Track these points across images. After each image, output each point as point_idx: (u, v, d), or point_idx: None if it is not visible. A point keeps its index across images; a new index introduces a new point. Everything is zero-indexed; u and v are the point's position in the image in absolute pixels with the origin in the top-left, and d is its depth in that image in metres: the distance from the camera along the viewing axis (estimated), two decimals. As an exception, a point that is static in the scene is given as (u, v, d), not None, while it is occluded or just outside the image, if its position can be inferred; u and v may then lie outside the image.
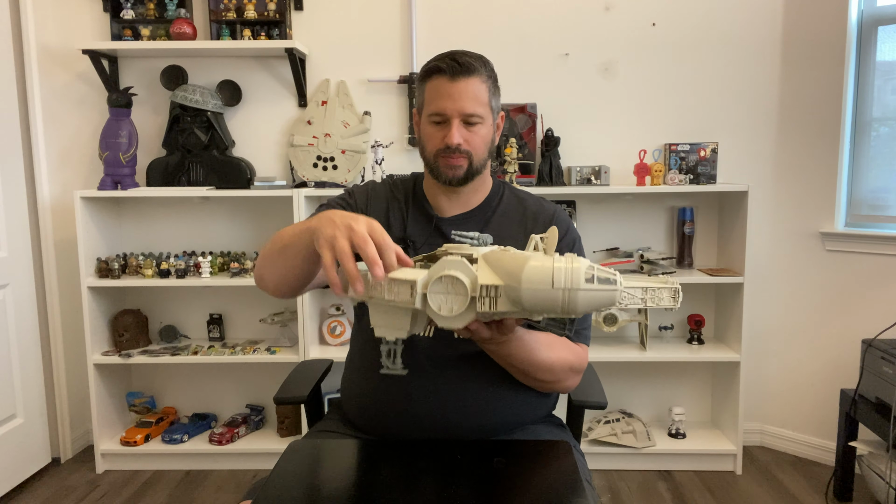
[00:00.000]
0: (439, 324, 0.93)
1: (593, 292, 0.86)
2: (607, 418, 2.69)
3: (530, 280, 0.86)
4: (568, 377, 1.27)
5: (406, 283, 0.93)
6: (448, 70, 1.26)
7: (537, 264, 0.87)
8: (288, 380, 1.59)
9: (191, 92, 2.60)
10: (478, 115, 1.27)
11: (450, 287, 0.91)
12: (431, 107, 1.28)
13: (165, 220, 2.80)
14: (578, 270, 0.85)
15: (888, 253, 2.43)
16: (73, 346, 2.75)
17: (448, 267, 0.92)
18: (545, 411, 1.39)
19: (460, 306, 0.91)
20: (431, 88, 1.28)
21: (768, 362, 2.77)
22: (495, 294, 0.91)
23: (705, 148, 2.56)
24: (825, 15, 2.53)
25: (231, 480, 2.56)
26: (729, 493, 2.42)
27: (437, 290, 0.92)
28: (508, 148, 2.52)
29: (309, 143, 2.67)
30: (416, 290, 0.92)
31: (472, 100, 1.26)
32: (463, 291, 0.91)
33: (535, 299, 0.87)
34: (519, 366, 1.20)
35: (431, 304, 0.92)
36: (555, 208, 1.40)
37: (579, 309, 0.87)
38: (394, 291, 0.94)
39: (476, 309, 0.91)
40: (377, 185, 1.43)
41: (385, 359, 1.00)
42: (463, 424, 1.25)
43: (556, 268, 0.86)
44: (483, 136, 1.30)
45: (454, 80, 1.25)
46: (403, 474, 1.07)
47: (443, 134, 1.27)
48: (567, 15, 2.67)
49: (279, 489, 1.01)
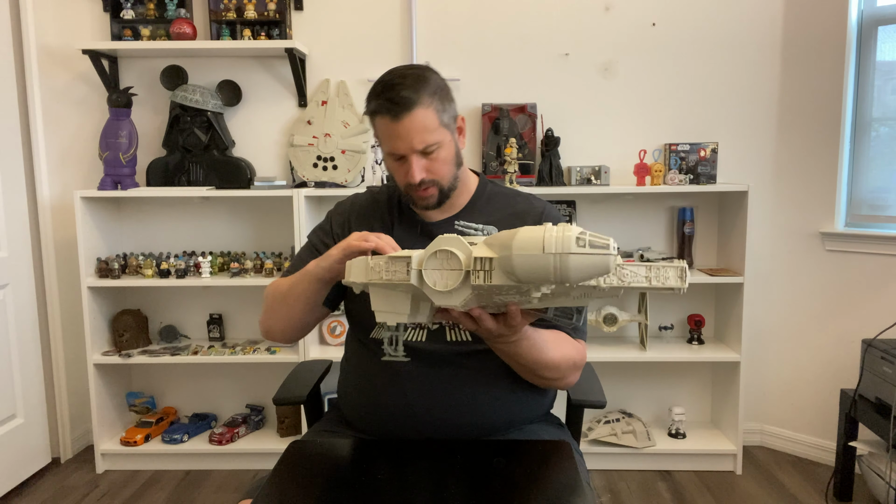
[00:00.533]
0: (436, 301, 0.93)
1: (585, 256, 0.84)
2: (607, 418, 2.69)
3: (521, 247, 0.86)
4: (571, 374, 1.27)
5: (402, 261, 0.94)
6: (387, 112, 1.22)
7: (528, 232, 0.87)
8: (287, 380, 1.59)
9: (191, 92, 2.60)
10: (432, 145, 1.23)
11: (444, 262, 0.92)
12: (385, 147, 1.27)
13: (165, 220, 2.80)
14: (569, 236, 0.84)
15: (888, 253, 2.43)
16: (73, 346, 2.75)
17: (443, 243, 0.93)
18: (542, 410, 1.39)
19: (454, 280, 0.91)
20: (379, 128, 1.26)
21: (768, 362, 2.77)
22: (489, 267, 0.90)
23: (705, 148, 2.56)
24: (825, 15, 2.53)
25: (231, 480, 2.56)
26: (729, 493, 2.42)
27: (432, 265, 0.92)
28: (508, 148, 2.52)
29: (309, 143, 2.67)
30: (412, 266, 0.93)
31: (421, 133, 1.22)
32: (457, 266, 0.91)
33: (527, 266, 0.86)
34: (527, 365, 1.20)
35: (427, 280, 0.92)
36: (544, 205, 1.38)
37: (572, 275, 0.85)
38: (391, 270, 0.95)
39: (471, 282, 0.91)
40: (358, 198, 1.43)
41: (387, 346, 1.01)
42: (459, 423, 1.26)
43: (548, 234, 0.85)
44: (444, 158, 1.26)
45: (397, 121, 1.21)
46: (403, 474, 1.07)
47: (405, 170, 1.25)
48: (567, 15, 2.67)
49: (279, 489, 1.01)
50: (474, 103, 2.70)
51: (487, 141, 2.64)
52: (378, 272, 0.96)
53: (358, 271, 1.01)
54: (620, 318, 2.59)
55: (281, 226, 2.76)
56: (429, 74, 1.26)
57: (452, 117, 1.29)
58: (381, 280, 0.96)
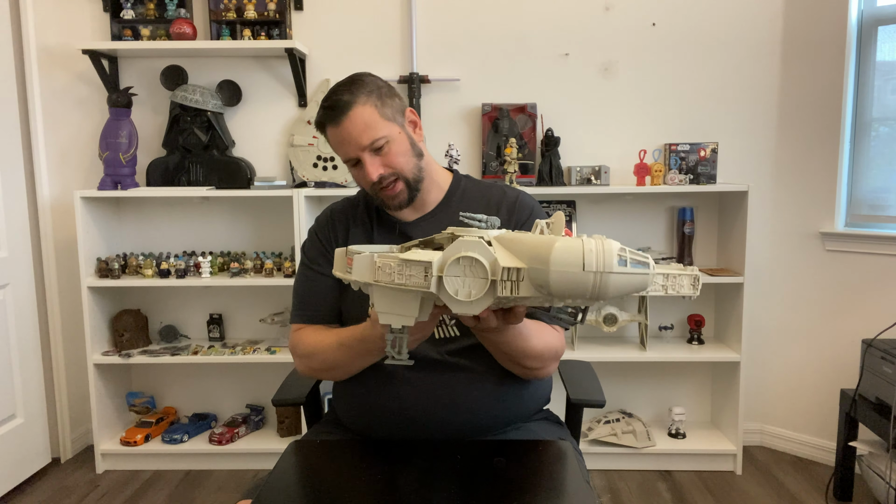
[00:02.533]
0: (454, 309, 0.86)
1: (626, 276, 0.79)
2: (607, 418, 2.69)
3: (560, 262, 0.79)
4: (551, 363, 1.28)
5: (420, 265, 0.86)
6: (328, 119, 1.27)
7: (566, 244, 0.79)
8: (287, 380, 1.59)
9: (191, 92, 2.60)
10: (378, 139, 1.26)
11: (468, 270, 0.84)
12: (341, 155, 1.30)
13: (165, 220, 2.80)
14: (611, 252, 0.78)
15: (888, 253, 2.43)
16: (73, 346, 2.75)
17: (465, 248, 0.84)
18: (536, 405, 1.40)
19: (479, 290, 0.85)
20: (330, 139, 1.30)
21: (768, 362, 2.77)
22: (517, 277, 0.84)
23: (705, 148, 2.56)
24: (825, 15, 2.53)
25: (231, 480, 2.56)
26: (729, 493, 2.42)
27: (454, 272, 0.85)
28: (508, 148, 2.52)
29: (309, 143, 2.67)
30: (432, 273, 0.85)
31: (364, 130, 1.25)
32: (482, 274, 0.84)
33: (564, 283, 0.79)
34: (511, 353, 1.20)
35: (448, 288, 0.85)
36: (517, 193, 1.39)
37: (609, 294, 0.80)
38: (405, 274, 0.87)
39: (496, 293, 0.85)
40: (336, 206, 1.44)
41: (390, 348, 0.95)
42: (454, 421, 1.26)
43: (587, 249, 0.78)
44: (398, 151, 1.28)
45: (338, 125, 1.26)
46: (403, 474, 1.07)
47: (363, 173, 1.28)
48: (567, 15, 2.67)
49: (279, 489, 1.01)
50: (474, 103, 2.70)
51: (487, 141, 2.65)
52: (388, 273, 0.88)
53: (362, 269, 0.92)
54: (620, 318, 2.59)
55: (281, 226, 2.76)
56: (364, 77, 1.30)
57: (398, 111, 1.31)
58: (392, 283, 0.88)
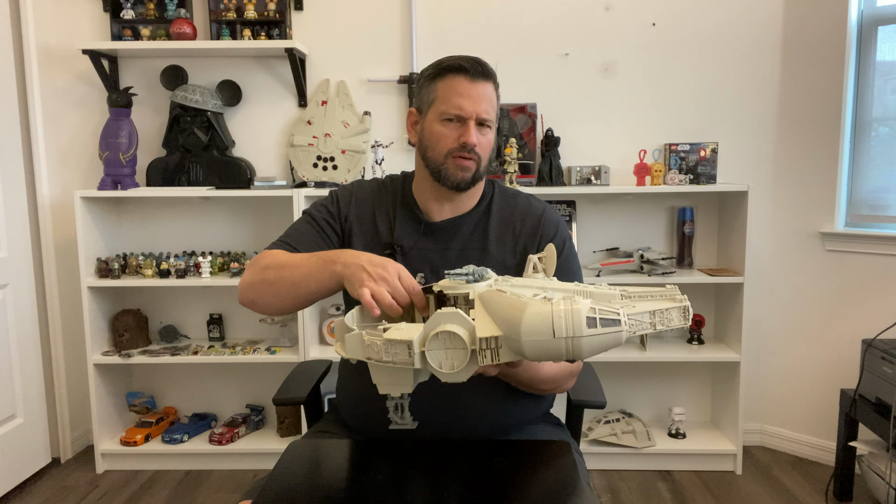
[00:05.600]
0: (443, 379, 0.90)
1: (598, 337, 0.81)
2: (607, 418, 2.69)
3: (529, 332, 0.82)
4: (567, 381, 1.30)
5: (402, 344, 0.89)
6: (471, 70, 1.25)
7: (535, 311, 0.82)
8: (287, 380, 1.59)
9: (191, 92, 2.60)
10: (490, 120, 1.27)
11: (448, 342, 0.88)
12: (447, 105, 1.25)
13: (165, 220, 2.80)
14: (579, 316, 0.81)
15: (888, 253, 2.43)
16: (73, 346, 2.75)
17: (443, 321, 0.88)
18: (540, 412, 1.39)
19: (461, 361, 0.88)
20: (447, 87, 1.26)
21: (768, 362, 2.77)
22: (496, 345, 0.87)
23: (705, 148, 2.56)
24: (825, 15, 2.53)
25: (231, 480, 2.56)
26: (729, 493, 2.42)
27: (436, 346, 0.88)
28: (508, 148, 2.52)
29: (309, 143, 2.67)
30: (414, 350, 0.88)
31: (489, 103, 1.26)
32: (462, 345, 0.87)
33: (537, 350, 0.83)
34: (522, 382, 1.23)
35: (431, 363, 0.88)
36: (544, 206, 1.38)
37: (584, 354, 0.83)
38: (391, 352, 0.90)
39: (478, 362, 0.88)
40: (364, 185, 1.41)
41: (392, 413, 0.97)
42: (457, 426, 1.25)
43: (556, 314, 0.81)
44: (490, 142, 1.30)
45: (474, 82, 1.25)
46: (403, 475, 1.07)
47: (458, 133, 1.25)
48: (567, 15, 2.67)
49: (279, 489, 1.01)
50: (474, 103, 2.70)
51: (487, 141, 2.64)
52: (377, 351, 0.91)
53: (354, 347, 0.94)
54: (620, 318, 2.59)
55: (281, 226, 2.74)
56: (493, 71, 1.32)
57: (497, 117, 1.34)
58: (381, 360, 0.91)
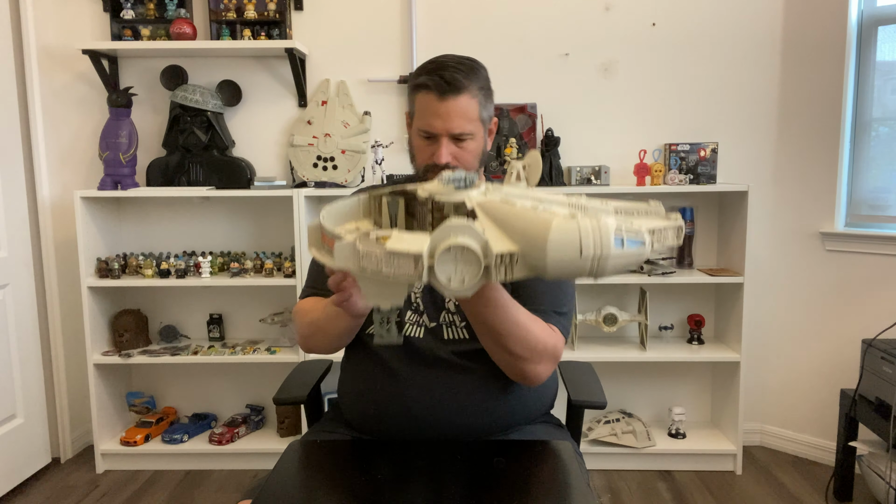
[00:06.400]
0: (447, 295, 0.83)
1: (623, 257, 0.77)
2: (607, 418, 2.69)
3: (556, 250, 0.76)
4: (542, 359, 1.20)
5: (409, 257, 0.81)
6: (435, 88, 1.23)
7: (562, 228, 0.76)
8: (287, 380, 1.59)
9: (191, 92, 2.60)
10: (467, 133, 1.25)
11: (459, 256, 0.80)
12: (420, 122, 1.27)
13: (165, 220, 2.80)
14: (608, 233, 0.76)
15: (888, 253, 2.43)
16: (73, 346, 2.75)
17: (454, 233, 0.81)
18: (541, 410, 1.39)
19: (473, 276, 0.81)
20: (421, 104, 1.27)
21: (768, 362, 2.77)
22: (510, 261, 0.81)
23: (705, 148, 2.56)
24: (825, 15, 2.53)
25: (231, 480, 2.56)
26: (729, 493, 2.42)
27: (445, 260, 0.80)
28: (508, 148, 2.52)
29: (309, 143, 2.67)
30: (423, 264, 0.81)
31: (461, 118, 1.24)
32: (475, 260, 0.80)
33: (561, 268, 0.77)
34: (495, 329, 1.13)
35: (440, 277, 0.81)
36: None
37: (607, 274, 0.78)
38: (393, 265, 0.82)
39: (490, 278, 0.81)
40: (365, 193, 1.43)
41: (378, 327, 0.92)
42: (458, 423, 1.26)
43: (583, 232, 0.75)
44: (472, 151, 1.28)
45: (442, 99, 1.23)
46: (403, 474, 1.07)
47: (432, 150, 1.26)
48: (567, 15, 2.67)
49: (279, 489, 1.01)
50: (474, 103, 2.69)
51: (487, 141, 2.65)
52: (375, 263, 0.83)
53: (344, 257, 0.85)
54: (620, 318, 2.59)
55: (281, 226, 2.76)
56: (481, 69, 1.30)
57: (489, 116, 1.32)
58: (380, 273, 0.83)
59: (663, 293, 2.77)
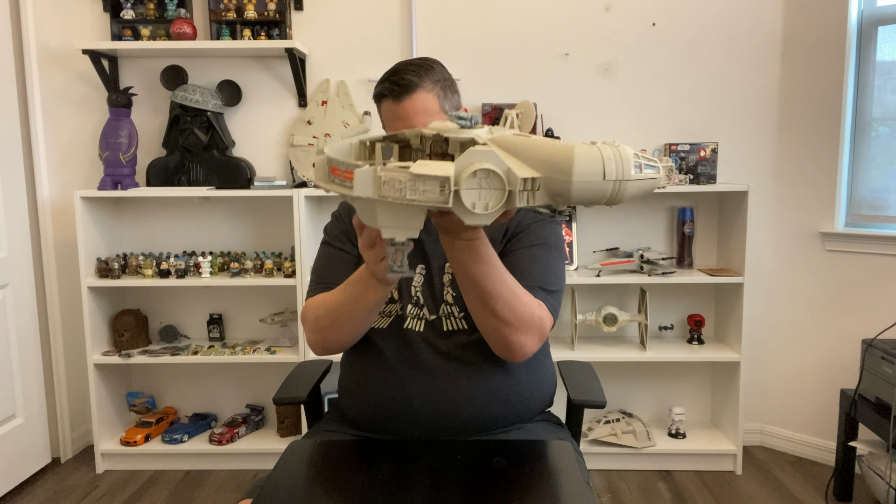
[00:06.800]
0: (467, 221, 0.84)
1: (641, 181, 0.81)
2: (607, 418, 2.69)
3: (583, 172, 0.78)
4: (528, 329, 1.18)
5: (435, 180, 0.81)
6: (390, 94, 1.27)
7: (587, 154, 0.79)
8: (287, 380, 1.59)
9: (191, 92, 2.60)
10: None
11: (483, 182, 0.82)
12: (388, 129, 1.31)
13: (165, 220, 2.80)
14: (628, 158, 0.80)
15: (888, 253, 2.43)
16: (73, 346, 2.75)
17: (479, 158, 0.82)
18: (540, 406, 1.40)
19: (497, 202, 0.82)
20: (384, 112, 1.31)
21: (768, 362, 2.77)
22: (533, 187, 0.83)
23: (705, 148, 2.56)
24: (825, 15, 2.53)
25: (231, 480, 2.56)
26: (729, 493, 2.42)
27: (471, 185, 0.82)
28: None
29: (309, 143, 2.67)
30: (450, 187, 0.81)
31: (421, 115, 1.26)
32: (499, 186, 0.82)
33: (585, 192, 0.80)
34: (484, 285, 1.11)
35: (465, 201, 0.82)
36: None
37: (624, 198, 0.82)
38: (419, 189, 0.82)
39: (513, 203, 0.83)
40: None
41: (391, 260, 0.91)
42: (458, 417, 1.27)
43: (605, 157, 0.79)
44: None
45: (399, 102, 1.27)
46: (403, 474, 1.07)
47: None
48: (567, 15, 2.67)
49: (279, 489, 1.01)
50: (474, 103, 2.70)
51: (487, 141, 2.64)
52: (398, 189, 0.82)
53: (364, 184, 0.84)
54: (620, 318, 2.59)
55: (281, 226, 2.76)
56: (434, 65, 1.31)
57: (455, 106, 1.33)
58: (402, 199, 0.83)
59: (663, 293, 2.77)
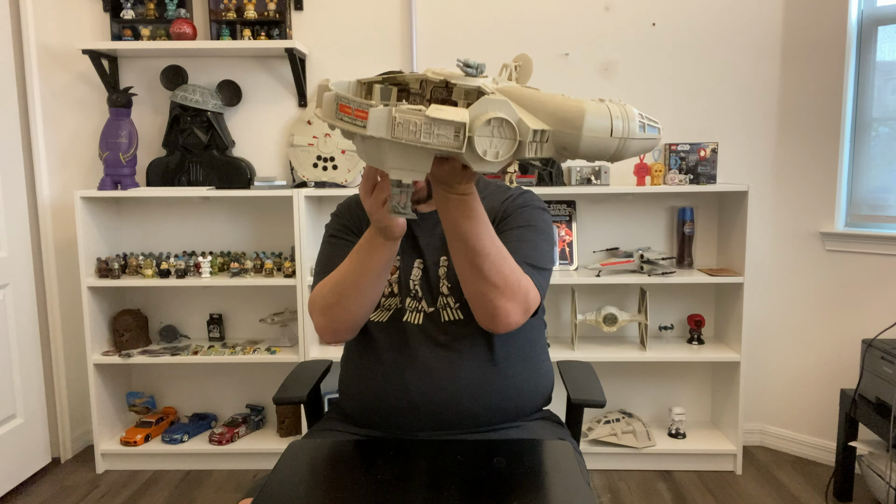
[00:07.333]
0: (476, 168, 0.86)
1: (644, 140, 0.86)
2: (607, 418, 2.69)
3: (592, 128, 0.83)
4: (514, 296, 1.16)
5: (451, 125, 0.84)
6: None
7: (597, 110, 0.83)
8: (287, 380, 1.59)
9: (191, 92, 2.60)
10: None
11: (496, 131, 0.85)
12: None
13: (165, 220, 2.80)
14: (634, 117, 0.85)
15: (888, 253, 2.43)
16: (73, 346, 2.75)
17: (492, 107, 0.85)
18: (537, 400, 1.40)
19: (507, 151, 0.86)
20: None
21: (768, 362, 2.77)
22: (542, 139, 0.86)
23: (705, 148, 2.56)
24: (825, 15, 2.53)
25: (231, 480, 2.56)
26: (729, 493, 2.42)
27: (484, 133, 0.84)
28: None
29: (309, 143, 2.67)
30: (464, 133, 0.84)
31: None
32: (510, 135, 0.85)
33: (592, 147, 0.84)
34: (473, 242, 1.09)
35: (477, 148, 0.84)
36: (519, 189, 1.41)
37: (627, 156, 0.87)
38: (433, 133, 0.84)
39: (523, 153, 0.86)
40: (353, 197, 1.46)
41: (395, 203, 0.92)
42: (458, 409, 1.28)
43: (613, 115, 0.84)
44: None
45: None
46: (403, 474, 1.07)
47: None
48: (567, 15, 2.67)
49: (279, 489, 1.01)
50: (474, 103, 2.70)
51: (487, 141, 2.64)
52: (412, 131, 0.84)
53: (378, 124, 0.85)
54: (620, 318, 2.59)
55: (281, 226, 2.76)
56: None
57: None
58: (416, 141, 0.84)
59: (663, 293, 2.77)
